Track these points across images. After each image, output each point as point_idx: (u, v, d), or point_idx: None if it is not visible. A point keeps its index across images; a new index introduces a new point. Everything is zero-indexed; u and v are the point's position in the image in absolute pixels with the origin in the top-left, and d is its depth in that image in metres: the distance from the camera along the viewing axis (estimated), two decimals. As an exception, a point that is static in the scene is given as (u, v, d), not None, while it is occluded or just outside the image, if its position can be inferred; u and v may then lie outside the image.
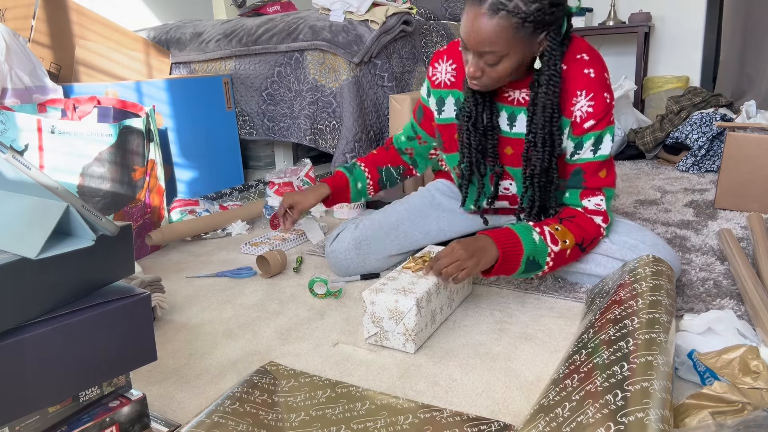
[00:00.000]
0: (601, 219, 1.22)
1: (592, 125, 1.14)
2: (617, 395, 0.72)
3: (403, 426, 0.84)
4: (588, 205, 1.21)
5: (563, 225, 1.18)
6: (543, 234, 1.15)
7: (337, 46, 2.17)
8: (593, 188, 1.20)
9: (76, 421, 0.71)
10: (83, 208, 0.67)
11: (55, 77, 2.09)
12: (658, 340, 0.83)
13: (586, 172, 1.20)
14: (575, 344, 0.94)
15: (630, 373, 0.76)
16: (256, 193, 2.38)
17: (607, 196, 1.21)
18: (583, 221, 1.20)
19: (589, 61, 1.14)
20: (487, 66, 1.07)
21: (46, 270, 0.66)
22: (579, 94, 1.14)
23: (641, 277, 1.05)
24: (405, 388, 0.95)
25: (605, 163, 1.20)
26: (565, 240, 1.16)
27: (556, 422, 0.75)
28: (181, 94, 2.15)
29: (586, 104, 1.13)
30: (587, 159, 1.18)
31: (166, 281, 1.47)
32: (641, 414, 0.68)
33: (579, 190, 1.21)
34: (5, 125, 1.46)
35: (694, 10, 3.64)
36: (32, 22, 2.01)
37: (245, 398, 0.89)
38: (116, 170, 1.52)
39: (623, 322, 0.90)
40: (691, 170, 2.47)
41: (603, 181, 1.20)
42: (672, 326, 0.92)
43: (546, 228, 1.17)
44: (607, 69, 1.16)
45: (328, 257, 1.45)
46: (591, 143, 1.17)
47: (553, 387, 0.83)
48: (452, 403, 0.91)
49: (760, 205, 1.80)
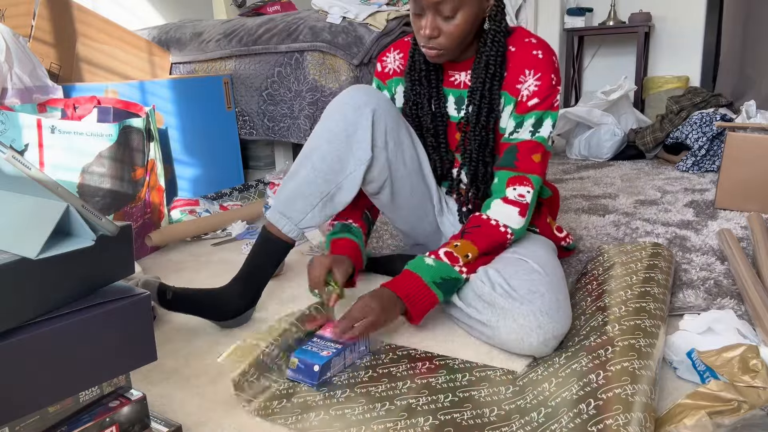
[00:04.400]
0: (518, 212, 1.13)
1: (535, 104, 1.13)
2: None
3: (421, 369, 0.98)
4: (510, 195, 1.14)
5: (464, 239, 1.11)
6: (437, 256, 1.09)
7: (337, 48, 2.17)
8: (523, 173, 1.14)
9: (76, 421, 0.71)
10: (83, 208, 0.67)
11: (55, 77, 2.09)
12: (637, 345, 0.88)
13: (519, 150, 1.14)
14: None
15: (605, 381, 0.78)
16: (256, 193, 2.38)
17: (535, 189, 1.15)
18: (488, 230, 1.13)
19: (537, 44, 1.15)
20: (443, 22, 1.06)
21: (46, 270, 0.66)
22: (527, 73, 1.13)
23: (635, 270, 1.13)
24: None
25: (540, 147, 1.15)
26: (467, 254, 1.09)
27: (553, 368, 0.89)
28: (182, 94, 2.15)
29: (533, 83, 1.13)
30: (524, 138, 1.15)
31: (165, 281, 1.47)
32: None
33: (509, 174, 1.14)
34: (5, 125, 1.46)
35: (694, 10, 3.64)
36: (32, 21, 2.01)
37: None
38: (116, 170, 1.52)
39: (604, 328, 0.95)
40: (691, 170, 2.47)
41: (534, 166, 1.14)
42: (662, 330, 0.94)
43: (442, 251, 1.10)
44: (555, 54, 1.16)
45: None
46: (531, 123, 1.14)
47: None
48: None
49: (760, 205, 1.80)
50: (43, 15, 2.04)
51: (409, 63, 1.23)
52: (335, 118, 1.15)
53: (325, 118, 1.17)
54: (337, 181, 1.15)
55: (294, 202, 1.15)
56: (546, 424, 0.78)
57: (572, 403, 0.79)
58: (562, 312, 0.99)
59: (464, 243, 1.11)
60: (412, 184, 1.25)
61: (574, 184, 2.38)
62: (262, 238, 1.19)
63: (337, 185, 1.15)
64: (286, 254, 1.21)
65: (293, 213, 1.15)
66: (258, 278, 1.19)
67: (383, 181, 1.21)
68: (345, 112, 1.15)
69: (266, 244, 1.18)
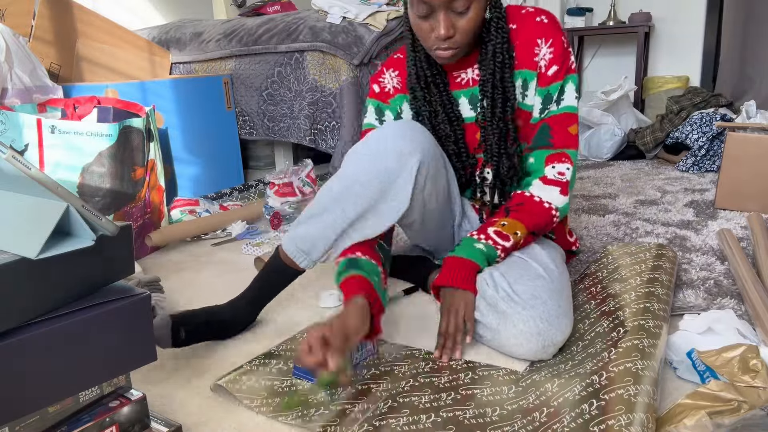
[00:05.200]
0: (559, 191, 1.11)
1: (555, 71, 1.11)
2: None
3: (424, 369, 0.98)
4: (549, 174, 1.11)
5: (510, 217, 1.10)
6: (487, 238, 1.08)
7: (336, 48, 2.17)
8: (560, 149, 1.11)
9: (76, 421, 0.71)
10: (83, 208, 0.67)
11: (55, 77, 2.09)
12: (641, 345, 0.88)
13: (552, 127, 1.11)
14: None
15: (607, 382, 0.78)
16: (256, 193, 2.38)
17: (574, 163, 1.12)
18: (533, 207, 1.11)
19: (536, 12, 1.13)
20: (457, 18, 1.04)
21: (46, 270, 0.66)
22: (539, 42, 1.11)
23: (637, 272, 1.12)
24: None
25: (573, 117, 1.11)
26: (516, 232, 1.08)
27: (557, 370, 0.89)
28: (182, 94, 2.15)
29: (548, 51, 1.11)
30: (553, 112, 1.11)
31: (165, 281, 1.47)
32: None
33: (546, 153, 1.12)
34: (5, 125, 1.46)
35: (694, 10, 3.63)
36: (32, 21, 2.01)
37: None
38: (116, 170, 1.52)
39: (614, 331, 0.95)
40: (691, 170, 2.47)
41: (571, 139, 1.11)
42: (664, 330, 0.94)
43: (490, 230, 1.09)
44: (556, 17, 1.14)
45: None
46: (557, 93, 1.12)
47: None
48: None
49: (760, 205, 1.80)
50: (43, 14, 2.04)
51: (411, 76, 1.19)
52: (379, 161, 1.05)
53: (362, 155, 1.07)
54: (365, 229, 1.07)
55: (316, 244, 1.09)
56: (548, 423, 0.78)
57: (575, 404, 0.79)
58: (562, 319, 0.98)
59: (511, 221, 1.09)
60: (441, 212, 1.21)
61: (574, 184, 2.38)
62: (274, 265, 1.14)
63: (363, 232, 1.08)
64: (296, 278, 1.17)
65: (313, 252, 1.09)
66: (265, 297, 1.18)
67: (413, 220, 1.17)
68: (386, 159, 1.05)
69: (279, 271, 1.14)
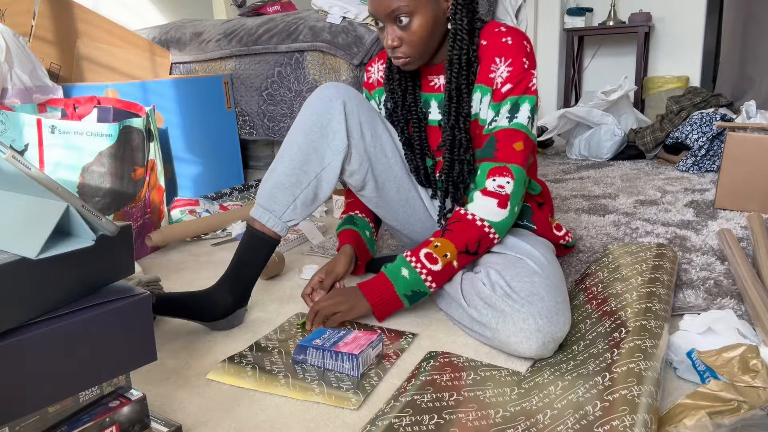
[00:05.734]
0: (497, 203, 1.11)
1: (509, 89, 1.12)
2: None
3: (426, 368, 0.97)
4: (489, 186, 1.12)
5: (444, 237, 1.12)
6: (417, 261, 1.11)
7: (336, 48, 2.17)
8: (503, 163, 1.12)
9: (76, 421, 0.71)
10: (83, 208, 0.67)
11: (55, 77, 2.09)
12: (643, 346, 0.88)
13: (498, 140, 1.13)
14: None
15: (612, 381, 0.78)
16: (256, 193, 2.38)
17: (517, 179, 1.12)
18: (466, 226, 1.12)
19: (506, 32, 1.14)
20: (401, 31, 1.09)
21: (46, 270, 0.66)
22: (498, 61, 1.13)
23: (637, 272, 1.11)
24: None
25: (520, 134, 1.12)
26: (445, 254, 1.10)
27: (560, 372, 0.89)
28: (182, 93, 2.15)
29: (505, 69, 1.13)
30: (502, 126, 1.13)
31: (165, 281, 1.47)
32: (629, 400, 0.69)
33: (489, 165, 1.13)
34: (5, 125, 1.46)
35: (694, 10, 3.64)
36: (32, 21, 2.01)
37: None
38: (116, 170, 1.52)
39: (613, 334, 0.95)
40: (691, 170, 2.47)
41: (515, 155, 1.12)
42: (665, 330, 0.94)
43: (422, 251, 1.12)
44: (527, 39, 1.15)
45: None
46: (507, 109, 1.13)
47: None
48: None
49: (760, 205, 1.80)
50: (43, 14, 2.04)
51: (386, 73, 1.26)
52: (307, 113, 1.17)
53: (299, 115, 1.19)
54: (315, 172, 1.16)
55: (274, 196, 1.17)
56: (552, 425, 0.78)
57: (578, 405, 0.79)
58: (561, 315, 0.98)
59: (444, 242, 1.12)
60: (397, 178, 1.26)
61: (574, 184, 2.38)
62: (247, 235, 1.19)
63: (316, 176, 1.16)
64: (273, 250, 1.20)
65: (275, 206, 1.16)
66: (245, 275, 1.18)
67: (365, 174, 1.21)
68: (316, 105, 1.17)
69: (251, 240, 1.18)
